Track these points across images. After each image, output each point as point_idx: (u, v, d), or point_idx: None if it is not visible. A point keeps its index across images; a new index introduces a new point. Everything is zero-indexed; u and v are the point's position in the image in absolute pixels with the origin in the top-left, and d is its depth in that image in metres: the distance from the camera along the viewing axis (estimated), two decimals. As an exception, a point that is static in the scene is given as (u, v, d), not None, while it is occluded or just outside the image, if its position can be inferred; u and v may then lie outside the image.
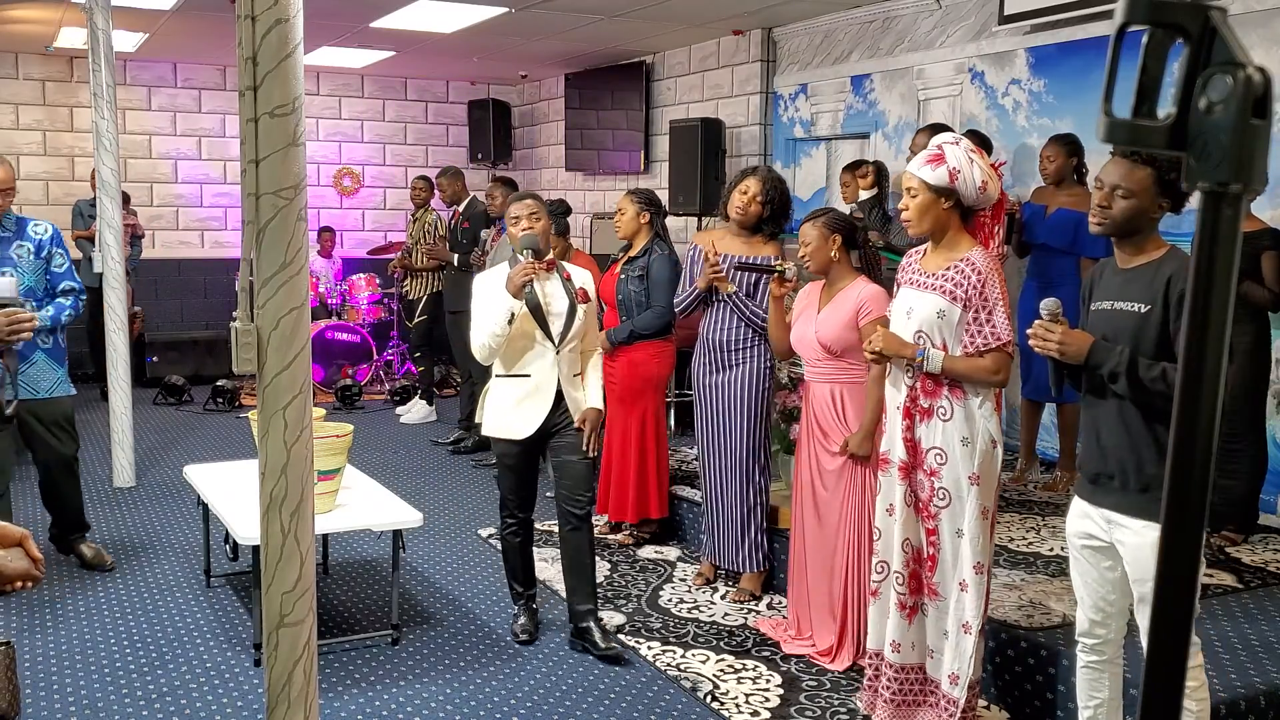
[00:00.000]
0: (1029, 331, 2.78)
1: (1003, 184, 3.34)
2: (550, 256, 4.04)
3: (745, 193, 4.51)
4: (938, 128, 5.93)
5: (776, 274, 4.18)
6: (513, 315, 3.87)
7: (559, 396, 4.05)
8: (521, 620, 4.34)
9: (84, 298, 4.84)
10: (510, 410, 4.06)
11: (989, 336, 3.14)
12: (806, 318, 4.03)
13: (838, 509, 3.97)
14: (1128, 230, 2.69)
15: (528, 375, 4.03)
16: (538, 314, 3.96)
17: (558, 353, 4.01)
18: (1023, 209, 5.59)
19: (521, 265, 3.86)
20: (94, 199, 8.38)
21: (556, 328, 3.99)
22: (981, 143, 5.44)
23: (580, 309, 4.03)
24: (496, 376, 4.11)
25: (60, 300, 4.73)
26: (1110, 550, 2.77)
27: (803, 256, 3.99)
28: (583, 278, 4.15)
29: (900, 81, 7.08)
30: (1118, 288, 2.75)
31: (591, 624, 4.15)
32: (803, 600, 4.16)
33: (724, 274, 4.49)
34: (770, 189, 4.51)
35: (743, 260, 4.48)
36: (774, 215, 4.55)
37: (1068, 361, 2.72)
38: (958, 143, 3.23)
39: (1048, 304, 2.79)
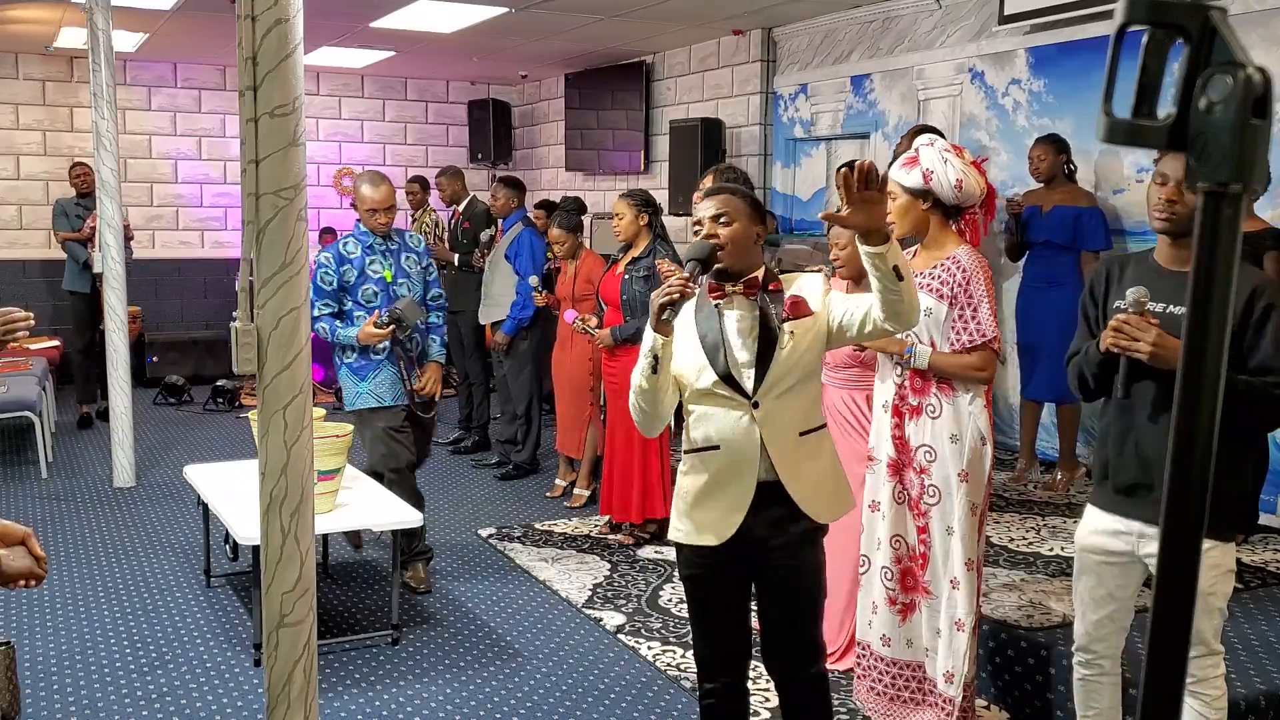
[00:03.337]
0: (1111, 324, 2.56)
1: (987, 177, 3.32)
2: (758, 274, 2.71)
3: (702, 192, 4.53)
4: (923, 129, 5.95)
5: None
6: (655, 360, 2.57)
7: (769, 482, 2.66)
8: None
9: (445, 305, 4.99)
10: (693, 502, 2.74)
11: (974, 334, 3.14)
12: None
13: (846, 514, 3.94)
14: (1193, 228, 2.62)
15: (715, 448, 2.69)
16: (715, 353, 2.66)
17: (755, 406, 2.64)
18: (1024, 210, 5.60)
19: (667, 285, 2.53)
20: (76, 198, 8.31)
21: (748, 375, 2.65)
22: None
23: (787, 332, 2.65)
24: (684, 453, 2.81)
25: (434, 321, 4.86)
26: (1129, 567, 2.73)
27: (835, 259, 3.92)
28: (807, 284, 2.73)
29: (900, 81, 7.08)
30: (1169, 290, 2.61)
31: None
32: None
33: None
34: (725, 179, 4.52)
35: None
36: None
37: (1156, 365, 2.51)
38: (933, 143, 3.24)
39: (1136, 293, 2.54)
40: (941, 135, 5.69)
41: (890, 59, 7.14)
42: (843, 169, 2.48)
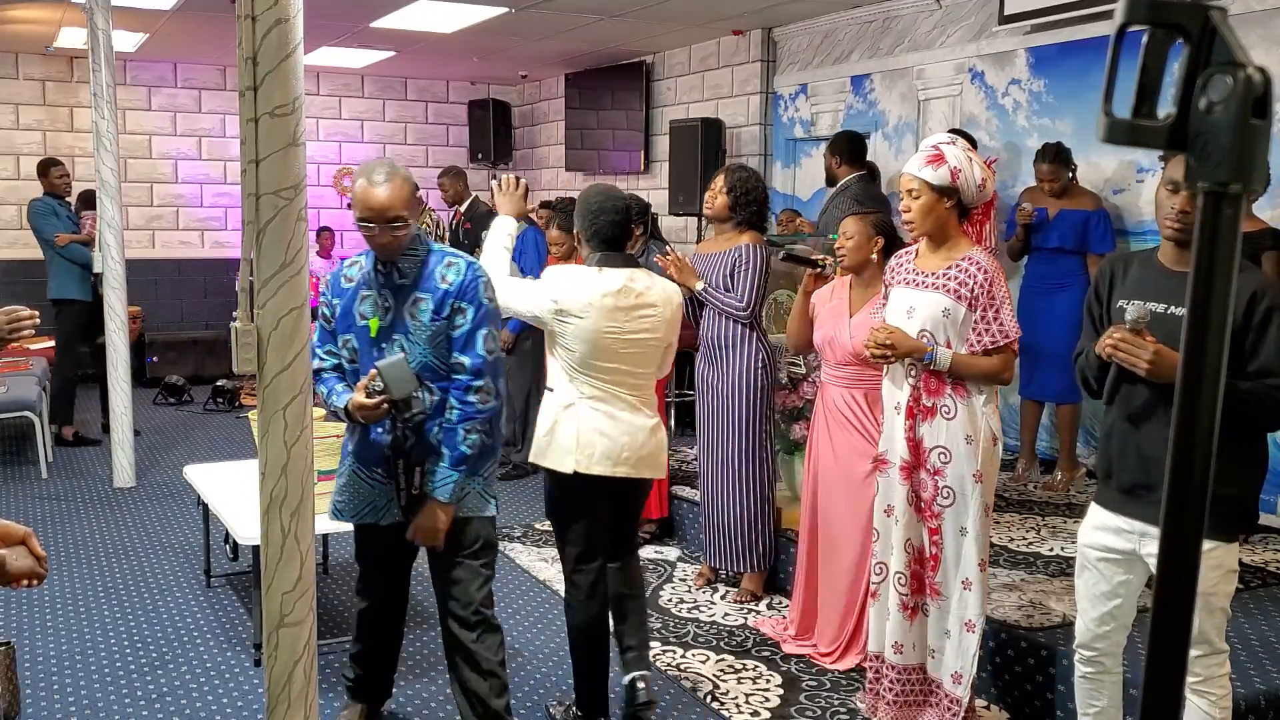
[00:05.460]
0: (1107, 342, 2.58)
1: (995, 182, 3.33)
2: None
3: (711, 189, 4.60)
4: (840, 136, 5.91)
5: (817, 269, 4.10)
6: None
7: None
8: None
9: (486, 385, 3.02)
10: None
11: (997, 335, 3.13)
12: (836, 319, 3.93)
13: (847, 511, 3.94)
14: None
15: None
16: None
17: None
18: (1036, 213, 5.53)
19: None
20: (63, 199, 7.70)
21: None
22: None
23: None
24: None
25: (456, 410, 3.02)
26: (1130, 563, 2.73)
27: (839, 248, 3.94)
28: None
29: (900, 81, 7.08)
30: (1171, 291, 2.62)
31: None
32: (809, 601, 4.14)
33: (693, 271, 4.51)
34: (733, 180, 4.54)
35: (789, 252, 4.45)
36: (739, 204, 4.54)
37: (1153, 379, 2.54)
38: (954, 142, 3.22)
39: (1136, 310, 2.55)
40: (864, 142, 5.87)
41: (890, 59, 7.14)
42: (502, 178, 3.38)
